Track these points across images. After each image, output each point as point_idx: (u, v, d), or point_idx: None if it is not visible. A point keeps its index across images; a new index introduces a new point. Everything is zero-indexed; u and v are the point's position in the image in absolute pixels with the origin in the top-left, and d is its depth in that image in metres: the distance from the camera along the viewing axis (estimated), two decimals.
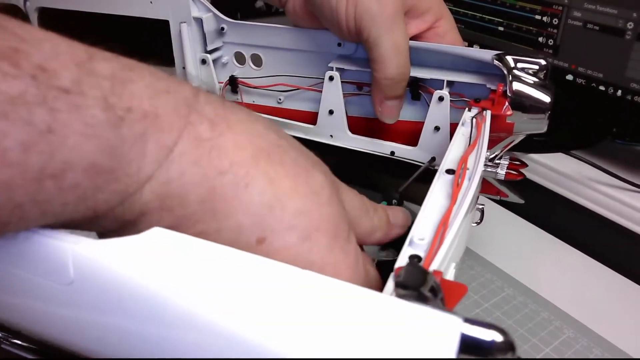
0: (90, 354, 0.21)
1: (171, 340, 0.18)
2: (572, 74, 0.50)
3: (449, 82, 0.37)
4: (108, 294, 0.19)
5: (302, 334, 0.17)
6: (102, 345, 0.20)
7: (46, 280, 0.19)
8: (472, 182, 0.27)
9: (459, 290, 0.20)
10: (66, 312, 0.20)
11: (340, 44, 0.40)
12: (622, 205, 0.47)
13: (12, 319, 0.22)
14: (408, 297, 0.18)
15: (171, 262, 0.18)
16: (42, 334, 0.21)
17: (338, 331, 0.17)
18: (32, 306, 0.20)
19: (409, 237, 0.23)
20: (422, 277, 0.19)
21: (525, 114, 0.34)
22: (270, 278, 0.18)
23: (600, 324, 0.37)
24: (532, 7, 0.51)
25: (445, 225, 0.24)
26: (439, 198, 0.26)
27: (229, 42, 0.45)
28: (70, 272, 0.19)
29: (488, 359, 0.16)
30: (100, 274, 0.18)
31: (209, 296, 0.18)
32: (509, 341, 0.16)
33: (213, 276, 0.18)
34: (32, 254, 0.19)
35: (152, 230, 0.19)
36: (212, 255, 0.19)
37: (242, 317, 0.17)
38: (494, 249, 0.44)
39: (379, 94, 0.37)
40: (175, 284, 0.18)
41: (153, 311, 0.18)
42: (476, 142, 0.30)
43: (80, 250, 0.19)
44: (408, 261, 0.22)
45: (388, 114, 0.38)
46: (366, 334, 0.16)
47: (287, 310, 0.17)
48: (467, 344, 0.16)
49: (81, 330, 0.20)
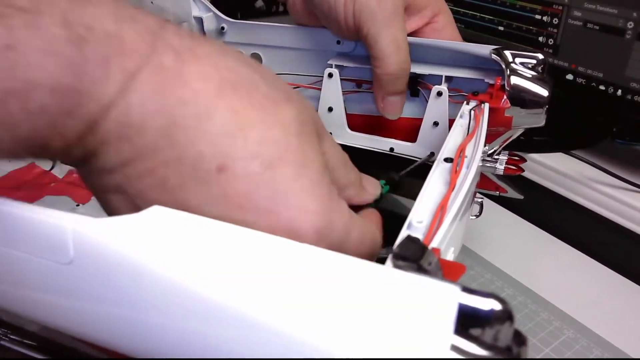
0: (89, 336, 0.21)
1: (172, 319, 0.18)
2: (572, 73, 0.50)
3: (447, 77, 0.37)
4: (108, 274, 0.18)
5: (302, 307, 0.17)
6: (102, 327, 0.20)
7: (45, 260, 0.19)
8: (471, 169, 0.27)
9: (458, 269, 0.20)
10: (65, 292, 0.20)
11: (340, 41, 0.40)
12: (622, 205, 0.46)
13: (10, 301, 0.22)
14: (406, 268, 0.18)
15: (171, 240, 0.18)
16: (40, 316, 0.21)
17: (335, 303, 0.16)
18: (30, 287, 0.20)
19: (407, 221, 0.23)
20: (420, 251, 0.19)
21: (523, 108, 0.34)
22: (270, 253, 0.18)
23: (600, 324, 0.37)
24: (532, 6, 0.51)
25: (443, 209, 0.24)
26: (438, 184, 0.27)
27: (229, 41, 0.45)
28: (70, 251, 0.18)
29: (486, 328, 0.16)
30: (100, 252, 0.18)
31: (209, 274, 0.18)
32: (507, 310, 0.16)
33: (214, 254, 0.18)
34: (31, 232, 0.19)
35: (153, 208, 0.19)
36: (213, 233, 0.19)
37: (243, 295, 0.17)
38: (494, 249, 0.43)
39: (380, 91, 0.37)
40: (175, 263, 0.18)
41: (153, 290, 0.18)
42: (474, 131, 0.31)
43: (80, 229, 0.19)
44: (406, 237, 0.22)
45: (390, 110, 0.38)
46: (364, 304, 0.16)
47: (288, 284, 0.17)
48: (465, 313, 0.16)
49: (81, 311, 0.20)
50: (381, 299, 0.16)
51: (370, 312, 0.16)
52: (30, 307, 0.21)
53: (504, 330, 0.16)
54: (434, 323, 0.16)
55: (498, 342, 0.16)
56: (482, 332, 0.16)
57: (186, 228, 0.19)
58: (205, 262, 0.18)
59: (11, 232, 0.19)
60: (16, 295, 0.21)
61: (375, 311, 0.16)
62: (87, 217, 0.19)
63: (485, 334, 0.16)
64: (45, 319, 0.21)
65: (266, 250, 0.18)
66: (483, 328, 0.16)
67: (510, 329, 0.16)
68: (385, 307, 0.16)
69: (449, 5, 0.40)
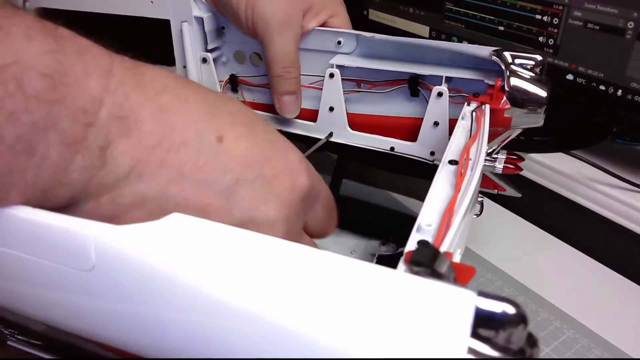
0: (110, 341, 0.21)
1: (192, 324, 0.18)
2: (572, 73, 0.50)
3: (447, 78, 0.37)
4: (129, 280, 0.19)
5: (324, 314, 0.17)
6: (122, 332, 0.20)
7: (67, 267, 0.19)
8: (475, 171, 0.27)
9: (468, 272, 0.20)
10: (86, 299, 0.20)
11: (340, 42, 0.41)
12: (622, 205, 0.47)
13: (31, 308, 0.22)
14: (422, 273, 0.19)
15: (191, 246, 0.19)
16: (61, 322, 0.22)
17: (356, 309, 0.17)
18: (52, 294, 0.20)
19: (416, 224, 0.24)
20: (434, 256, 0.19)
21: (522, 108, 0.34)
22: (289, 259, 0.18)
23: (600, 324, 0.37)
24: (533, 6, 0.51)
25: (451, 212, 0.24)
26: (444, 187, 0.27)
27: (230, 41, 0.45)
28: (92, 257, 0.19)
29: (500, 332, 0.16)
30: (122, 259, 0.19)
31: (229, 280, 0.18)
32: (521, 314, 0.16)
33: (233, 260, 0.18)
34: (53, 240, 0.19)
35: (172, 215, 0.20)
36: (232, 240, 0.19)
37: (264, 300, 0.17)
38: (494, 249, 0.43)
39: (274, 91, 0.41)
40: (195, 269, 0.18)
41: (174, 297, 0.18)
42: (477, 134, 0.31)
43: (101, 236, 0.19)
44: (419, 242, 0.22)
45: (285, 108, 0.42)
46: (383, 310, 0.17)
47: (309, 291, 0.17)
48: (481, 317, 0.16)
49: (101, 317, 0.20)
50: (400, 305, 0.17)
51: (390, 317, 0.17)
52: (52, 313, 0.21)
53: (517, 333, 0.16)
54: (451, 326, 0.16)
55: (511, 345, 0.16)
56: (497, 335, 0.16)
57: (206, 234, 0.19)
58: (224, 268, 0.18)
59: (34, 239, 0.20)
60: (38, 301, 0.21)
61: (395, 316, 0.17)
62: (108, 225, 0.19)
63: (500, 337, 0.16)
64: (67, 324, 0.22)
65: (286, 257, 0.18)
66: (497, 331, 0.16)
67: (524, 332, 0.17)
68: (405, 312, 0.17)
69: (449, 5, 0.40)
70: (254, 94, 0.45)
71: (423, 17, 0.61)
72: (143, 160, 0.22)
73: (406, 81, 0.39)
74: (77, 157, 0.20)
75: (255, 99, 0.45)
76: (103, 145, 0.21)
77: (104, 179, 0.21)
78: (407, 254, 0.21)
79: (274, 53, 0.39)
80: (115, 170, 0.21)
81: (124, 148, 0.21)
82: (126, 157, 0.21)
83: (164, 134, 0.22)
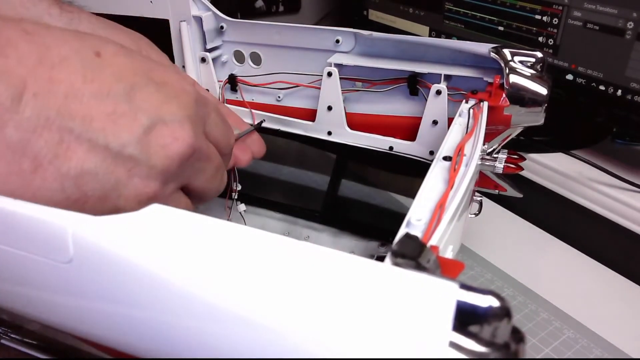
0: (89, 334, 0.21)
1: (171, 317, 0.18)
2: (572, 73, 0.50)
3: (446, 76, 0.37)
4: (107, 272, 0.18)
5: (299, 305, 0.17)
6: (101, 325, 0.20)
7: (45, 259, 0.19)
8: (469, 167, 0.27)
9: (456, 267, 0.20)
10: (65, 291, 0.20)
11: (339, 40, 0.40)
12: (622, 205, 0.46)
13: (11, 301, 0.22)
14: (405, 265, 0.18)
15: (170, 238, 0.18)
16: (40, 314, 0.21)
17: (333, 300, 0.16)
18: (30, 285, 0.20)
19: (406, 219, 0.23)
20: (419, 249, 0.19)
21: (522, 106, 0.34)
22: (268, 250, 0.18)
23: (600, 324, 0.37)
24: (532, 6, 0.51)
25: (442, 207, 0.24)
26: (436, 182, 0.27)
27: (229, 40, 0.45)
28: (69, 250, 0.19)
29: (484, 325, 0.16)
30: (100, 251, 0.18)
31: (207, 272, 0.18)
32: (505, 307, 0.16)
33: (212, 252, 0.18)
34: (30, 231, 0.19)
35: (151, 206, 0.19)
36: (211, 231, 0.19)
37: (241, 292, 0.17)
38: (494, 249, 0.43)
39: None
40: (174, 261, 0.18)
41: (153, 289, 0.18)
42: (473, 130, 0.31)
43: (79, 228, 0.19)
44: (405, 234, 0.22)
45: None
46: (362, 302, 0.16)
47: (286, 282, 0.17)
48: (464, 310, 0.15)
49: (80, 310, 0.20)
50: (379, 296, 0.16)
51: (369, 310, 0.16)
52: (30, 306, 0.21)
53: (502, 327, 0.16)
54: (432, 320, 0.16)
55: (496, 339, 0.16)
56: (480, 329, 0.16)
57: (184, 226, 0.19)
58: (203, 259, 0.18)
59: (11, 230, 0.19)
60: (16, 294, 0.21)
61: (374, 308, 0.16)
62: (86, 216, 0.19)
63: (483, 331, 0.16)
64: (45, 317, 0.21)
65: (264, 247, 0.18)
66: (481, 325, 0.16)
67: (508, 325, 0.16)
68: (384, 304, 0.16)
69: (449, 5, 0.40)
70: (253, 94, 0.45)
71: (423, 17, 0.61)
72: (30, 79, 0.21)
73: (405, 80, 0.39)
74: None
75: (255, 99, 0.45)
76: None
77: (0, 99, 0.21)
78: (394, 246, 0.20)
79: None
80: (6, 90, 0.21)
81: (5, 68, 0.21)
82: (12, 77, 0.21)
83: (40, 53, 0.22)
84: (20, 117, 0.21)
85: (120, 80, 0.24)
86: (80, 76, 0.23)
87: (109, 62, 0.24)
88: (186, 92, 0.26)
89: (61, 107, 0.22)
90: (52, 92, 0.22)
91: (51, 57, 0.22)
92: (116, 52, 0.25)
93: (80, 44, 0.24)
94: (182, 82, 0.27)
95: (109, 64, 0.24)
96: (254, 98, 0.45)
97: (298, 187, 0.49)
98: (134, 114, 0.24)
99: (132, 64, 0.25)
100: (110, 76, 0.24)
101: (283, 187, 0.49)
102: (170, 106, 0.25)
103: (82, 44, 0.24)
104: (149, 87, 0.25)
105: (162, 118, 0.24)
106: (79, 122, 0.22)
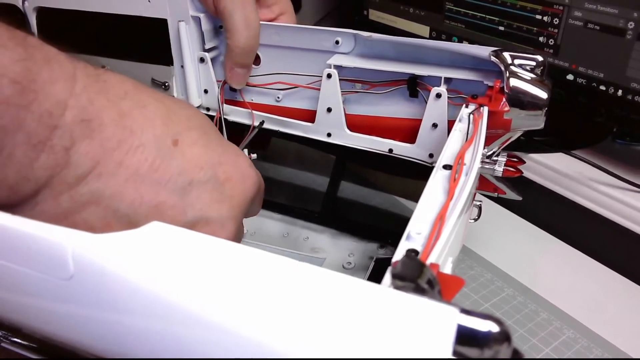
0: (90, 350, 0.21)
1: (171, 335, 0.18)
2: (572, 73, 0.50)
3: (446, 79, 0.37)
4: (108, 289, 0.19)
5: (302, 327, 0.17)
6: (102, 341, 0.20)
7: (45, 275, 0.19)
8: (469, 177, 0.27)
9: (456, 283, 0.20)
10: (66, 308, 0.20)
11: (338, 41, 0.40)
12: (622, 205, 0.46)
13: (12, 315, 0.22)
14: (405, 288, 0.18)
15: (170, 256, 0.19)
16: (41, 330, 0.22)
17: (335, 323, 0.16)
18: (31, 302, 0.20)
19: (406, 232, 0.23)
20: (418, 270, 0.19)
21: (522, 110, 0.34)
22: (268, 271, 0.18)
23: (600, 324, 0.37)
24: (533, 6, 0.50)
25: (442, 219, 0.24)
26: (436, 193, 0.26)
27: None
28: (70, 267, 0.19)
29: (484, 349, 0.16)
30: (100, 269, 0.18)
31: (207, 291, 0.18)
32: (504, 331, 0.16)
33: (212, 271, 0.18)
34: (32, 249, 0.19)
35: (151, 224, 0.19)
36: (211, 249, 0.19)
37: (241, 313, 0.17)
38: (494, 249, 0.43)
39: (229, 61, 0.41)
40: (175, 279, 0.18)
41: (153, 306, 0.18)
42: (473, 137, 0.30)
43: (79, 245, 0.19)
44: (405, 254, 0.22)
45: (236, 79, 0.42)
46: (363, 325, 0.16)
47: (288, 304, 0.17)
48: (464, 335, 0.16)
49: (81, 326, 0.20)
50: (380, 321, 0.16)
51: (369, 334, 0.16)
52: (31, 321, 0.22)
53: (502, 351, 0.16)
54: (433, 344, 0.16)
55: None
56: (480, 353, 0.16)
57: (185, 244, 0.19)
58: (203, 278, 0.18)
59: (12, 247, 0.20)
60: (17, 309, 0.21)
61: (374, 332, 0.16)
62: (86, 233, 0.19)
63: (484, 355, 0.16)
64: (46, 332, 0.21)
65: (265, 267, 0.18)
66: (480, 349, 0.16)
67: (508, 349, 0.16)
68: (384, 328, 0.16)
69: (450, 5, 0.40)
70: (252, 95, 0.45)
71: (423, 17, 0.61)
72: (103, 162, 0.23)
73: (405, 82, 0.38)
74: (42, 155, 0.22)
75: (254, 99, 0.45)
76: (67, 146, 0.22)
77: (66, 177, 0.23)
78: (394, 262, 0.21)
79: (237, 22, 0.39)
80: (77, 169, 0.23)
81: (86, 149, 0.23)
82: (88, 158, 0.23)
83: (123, 138, 0.24)
84: (76, 191, 0.23)
85: (182, 174, 0.25)
86: (148, 164, 0.24)
87: (182, 152, 0.26)
88: (245, 192, 0.28)
89: (117, 188, 0.23)
90: (115, 175, 0.23)
91: (130, 143, 0.24)
92: (195, 141, 0.26)
93: (164, 130, 0.25)
94: (245, 180, 0.28)
95: (181, 153, 0.25)
96: (253, 98, 0.45)
97: (297, 188, 0.49)
98: (182, 209, 0.25)
99: (203, 157, 0.26)
100: (175, 167, 0.25)
101: (282, 188, 0.49)
102: (221, 206, 0.26)
103: (166, 129, 0.25)
104: (207, 185, 0.26)
105: (208, 217, 0.26)
106: (127, 204, 0.24)
